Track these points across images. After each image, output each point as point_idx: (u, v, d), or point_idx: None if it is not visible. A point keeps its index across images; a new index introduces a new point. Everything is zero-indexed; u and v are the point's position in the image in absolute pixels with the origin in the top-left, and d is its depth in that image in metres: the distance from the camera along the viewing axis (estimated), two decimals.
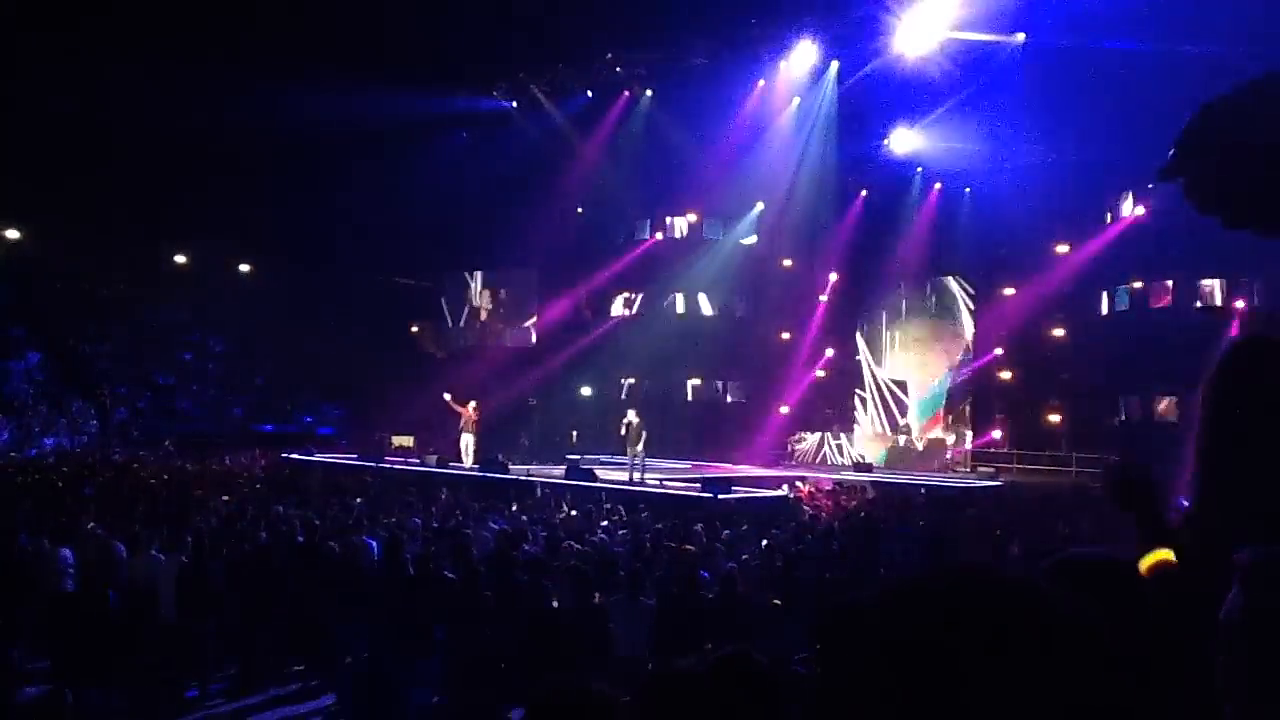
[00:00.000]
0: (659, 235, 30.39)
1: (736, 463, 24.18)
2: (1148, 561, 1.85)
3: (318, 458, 21.76)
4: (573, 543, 9.46)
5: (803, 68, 25.22)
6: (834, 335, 28.08)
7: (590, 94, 28.67)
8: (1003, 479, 22.03)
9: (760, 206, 28.57)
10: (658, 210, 30.02)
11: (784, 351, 28.46)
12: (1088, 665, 0.83)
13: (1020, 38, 21.58)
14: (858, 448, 26.79)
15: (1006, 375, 25.55)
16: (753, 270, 28.95)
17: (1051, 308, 24.84)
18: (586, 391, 30.59)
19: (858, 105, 24.88)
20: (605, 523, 11.73)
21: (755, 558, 9.44)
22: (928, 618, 0.86)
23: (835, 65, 25.09)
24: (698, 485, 16.65)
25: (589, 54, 27.32)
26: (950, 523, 13.09)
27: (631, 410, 18.94)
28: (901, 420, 27.19)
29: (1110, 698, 0.83)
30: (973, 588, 0.88)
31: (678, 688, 2.09)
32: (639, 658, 6.75)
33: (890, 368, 27.86)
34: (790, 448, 26.51)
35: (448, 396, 21.15)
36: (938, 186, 26.31)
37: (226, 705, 7.90)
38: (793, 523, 12.25)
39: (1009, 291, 25.47)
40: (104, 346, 30.03)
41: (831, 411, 27.65)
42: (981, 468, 23.84)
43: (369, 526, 10.28)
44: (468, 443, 20.60)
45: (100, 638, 6.79)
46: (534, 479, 16.93)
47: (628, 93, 27.89)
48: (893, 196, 26.77)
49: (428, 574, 7.69)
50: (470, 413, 20.68)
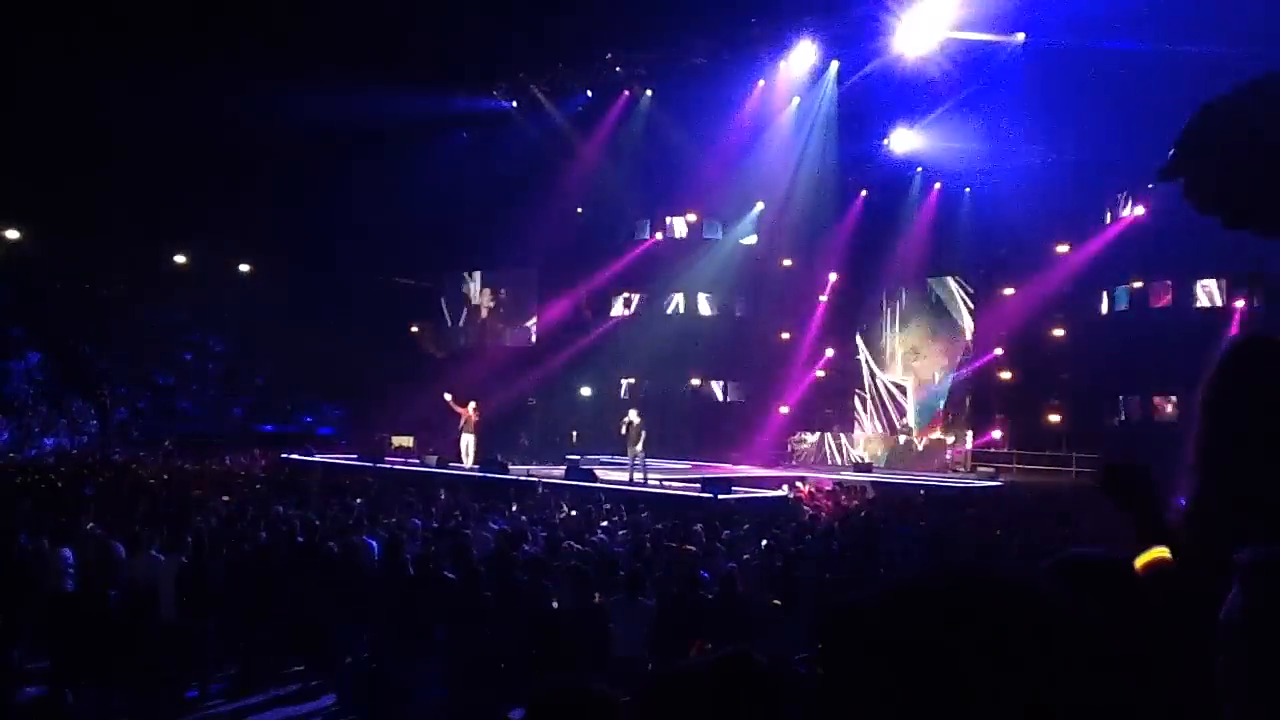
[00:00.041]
0: (659, 235, 30.39)
1: (736, 463, 24.17)
2: (1143, 560, 1.85)
3: (318, 458, 21.76)
4: (573, 543, 9.46)
5: (803, 68, 25.22)
6: (834, 335, 28.08)
7: (590, 94, 28.67)
8: (1003, 479, 22.03)
9: (760, 206, 28.57)
10: (658, 210, 30.03)
11: (784, 351, 28.46)
12: (1088, 665, 0.83)
13: (1020, 38, 21.58)
14: (858, 448, 26.79)
15: (1006, 375, 25.55)
16: (753, 270, 28.96)
17: (1051, 308, 24.84)
18: (586, 391, 30.60)
19: (858, 105, 24.88)
20: (605, 523, 11.72)
21: (755, 558, 9.44)
22: (928, 618, 0.86)
23: (835, 65, 25.09)
24: (698, 485, 16.66)
25: (589, 54, 27.32)
26: (950, 523, 13.09)
27: (633, 410, 18.94)
28: (901, 420, 27.19)
29: (1111, 698, 0.83)
30: (973, 588, 0.88)
31: (677, 688, 2.09)
32: (639, 658, 6.75)
33: (890, 368, 27.86)
34: (790, 448, 26.50)
35: (448, 396, 21.14)
36: (938, 186, 26.30)
37: (226, 705, 7.90)
38: (793, 523, 12.25)
39: (1009, 291, 25.47)
40: (104, 346, 30.03)
41: (831, 411, 27.64)
42: (981, 468, 23.83)
43: (369, 526, 10.27)
44: (468, 443, 20.60)
45: (100, 638, 6.79)
46: (534, 479, 16.93)
47: (628, 93, 27.89)
48: (893, 196, 26.77)
49: (428, 574, 7.69)
50: (470, 413, 20.68)
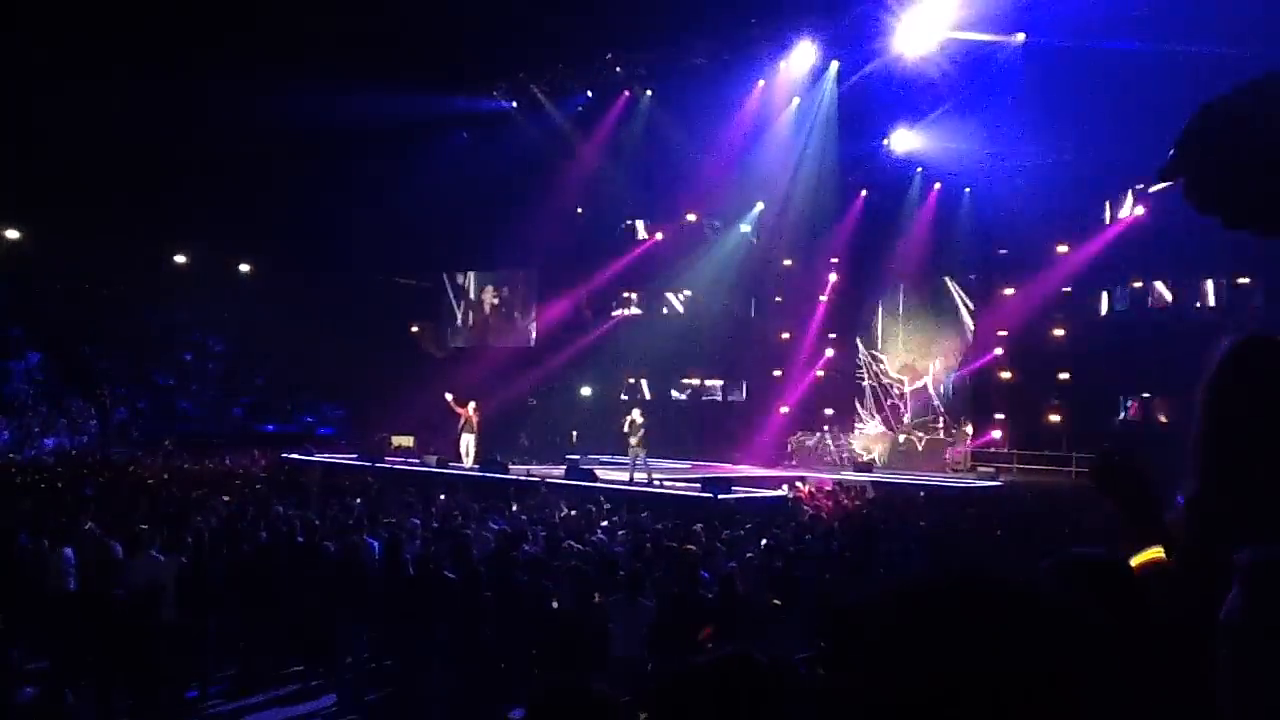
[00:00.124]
0: (659, 235, 30.38)
1: (736, 463, 24.17)
2: (1139, 560, 1.85)
3: (318, 458, 21.76)
4: (573, 543, 9.46)
5: (803, 68, 25.19)
6: (834, 335, 28.06)
7: (590, 94, 28.65)
8: (1003, 479, 22.02)
9: (760, 206, 28.55)
10: (658, 210, 30.02)
11: (784, 351, 28.45)
12: (1090, 666, 0.83)
13: (1020, 38, 21.57)
14: (858, 447, 26.78)
15: (1006, 375, 25.54)
16: (753, 270, 28.94)
17: (1051, 308, 24.82)
18: (586, 391, 30.60)
19: (858, 105, 24.84)
20: (605, 523, 11.72)
21: (755, 558, 9.44)
22: (929, 618, 0.86)
23: (835, 65, 25.06)
24: (698, 485, 16.65)
25: (589, 54, 27.29)
26: (950, 523, 13.09)
27: (636, 409, 18.95)
28: (901, 420, 27.19)
29: (1112, 697, 0.83)
30: (973, 588, 0.88)
31: (680, 688, 2.09)
32: (638, 658, 6.75)
33: (890, 368, 27.85)
34: (790, 448, 26.50)
35: (449, 396, 21.16)
36: (938, 186, 26.27)
37: (226, 705, 7.90)
38: (793, 523, 12.25)
39: (1009, 291, 25.46)
40: (104, 346, 30.02)
41: (831, 411, 27.64)
42: (981, 468, 23.81)
43: (369, 526, 10.27)
44: (468, 443, 20.61)
45: (104, 638, 6.79)
46: (536, 479, 16.93)
47: (628, 93, 27.86)
48: (893, 196, 26.73)
49: (428, 574, 7.69)
50: (470, 413, 20.68)
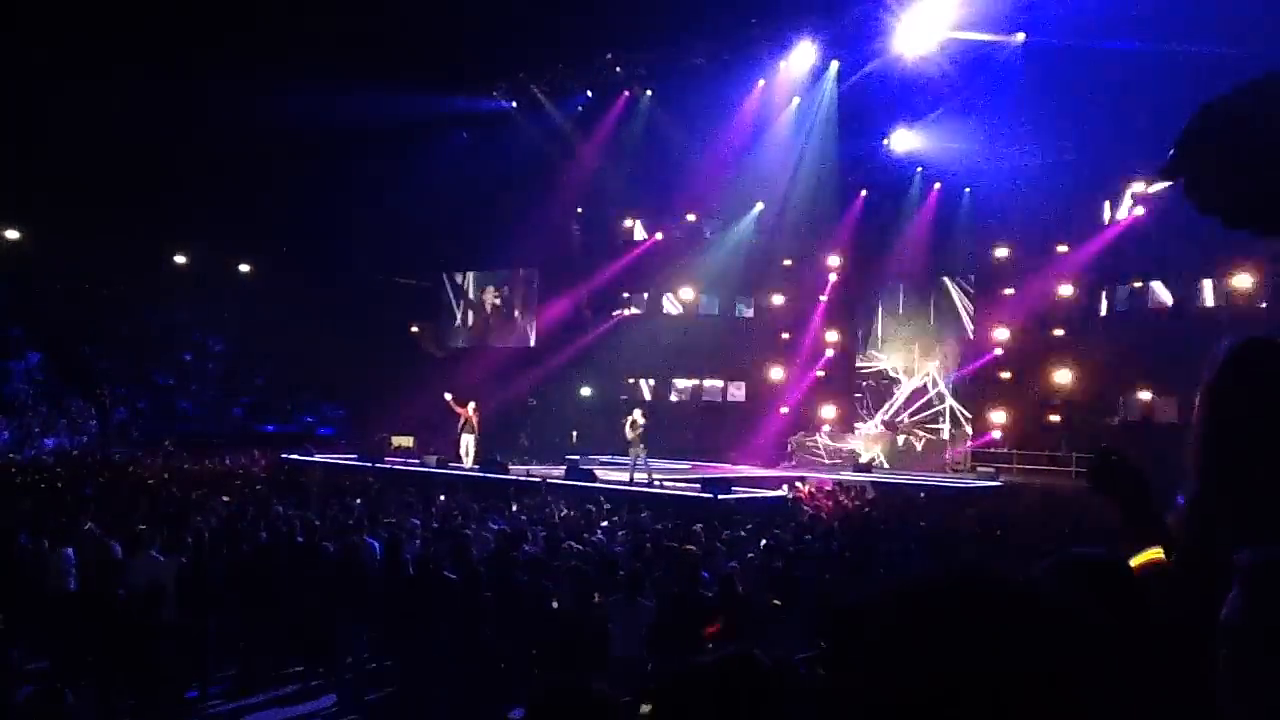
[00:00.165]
0: (659, 235, 30.38)
1: (736, 463, 24.17)
2: (1139, 560, 1.85)
3: (318, 458, 21.74)
4: (573, 543, 9.45)
5: (802, 68, 25.20)
6: (834, 335, 28.07)
7: (590, 94, 28.66)
8: (1003, 479, 22.01)
9: (760, 206, 28.55)
10: (658, 210, 30.02)
11: (784, 352, 28.45)
12: (1090, 666, 0.83)
13: (1020, 38, 21.58)
14: (857, 447, 26.79)
15: (1006, 375, 25.54)
16: (753, 269, 28.96)
17: (1051, 308, 24.83)
18: (586, 391, 30.60)
19: (858, 105, 24.86)
20: (605, 523, 11.72)
21: (755, 558, 9.45)
22: (930, 618, 0.86)
23: (835, 65, 25.07)
24: (698, 485, 16.65)
25: (589, 54, 27.31)
26: (950, 523, 13.08)
27: (637, 410, 18.97)
28: (901, 420, 27.19)
29: (1114, 697, 0.83)
30: (973, 588, 0.88)
31: (680, 687, 2.09)
32: (638, 658, 6.75)
33: (890, 367, 27.86)
34: (790, 447, 26.51)
35: (448, 396, 21.16)
36: (938, 186, 26.27)
37: (226, 705, 7.90)
38: (793, 523, 12.25)
39: (1009, 291, 25.46)
40: (104, 346, 30.02)
41: (831, 412, 27.64)
42: (981, 468, 23.80)
43: (369, 526, 10.27)
44: (467, 443, 20.61)
45: (104, 638, 6.78)
46: (534, 479, 16.93)
47: (628, 93, 27.87)
48: (893, 196, 26.74)
49: (428, 574, 7.69)
50: (470, 413, 20.69)
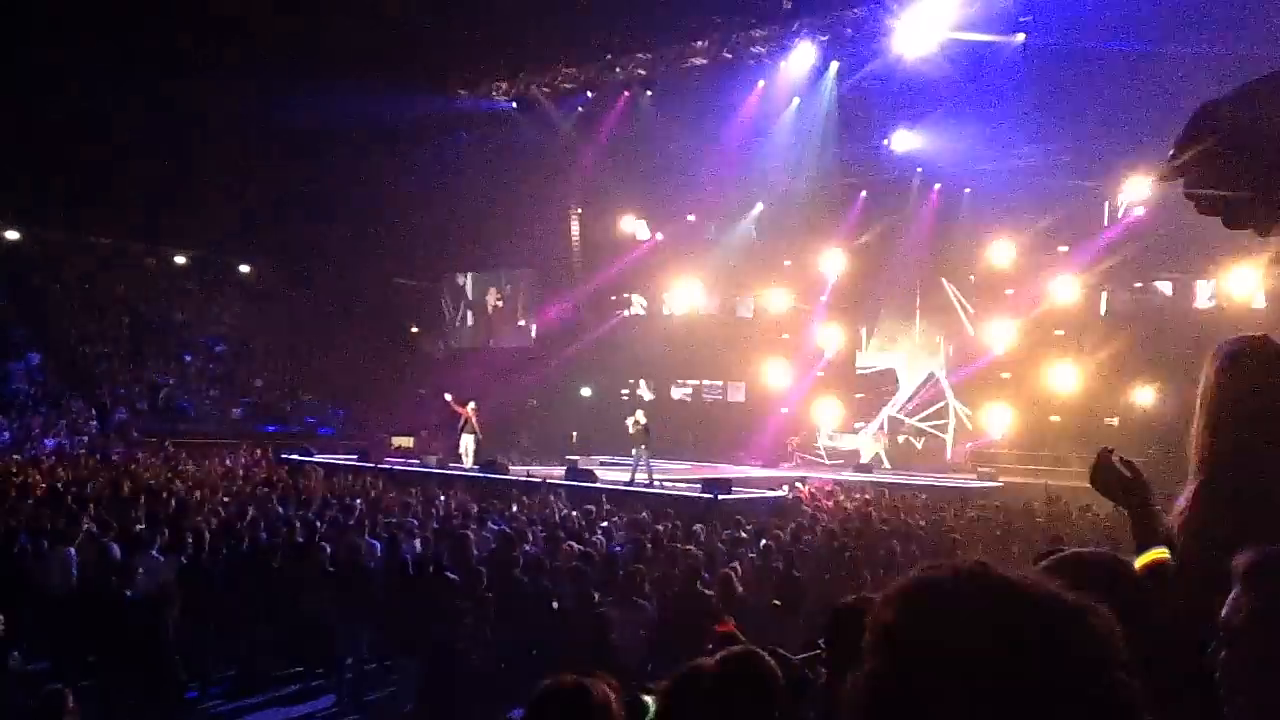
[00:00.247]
0: (659, 235, 30.38)
1: (737, 463, 24.16)
2: (1143, 560, 1.85)
3: (318, 458, 21.73)
4: (573, 543, 9.45)
5: (802, 68, 25.18)
6: (834, 335, 28.06)
7: (590, 94, 28.65)
8: (1002, 479, 22.00)
9: (760, 206, 28.55)
10: (658, 210, 30.01)
11: (784, 352, 28.45)
12: (1094, 664, 0.83)
13: (1020, 38, 21.57)
14: (858, 447, 26.79)
15: (1006, 375, 25.53)
16: (753, 269, 28.94)
17: (1051, 307, 24.81)
18: (586, 391, 30.62)
19: (858, 105, 24.85)
20: (605, 523, 11.72)
21: (755, 558, 9.44)
22: (929, 617, 0.86)
23: (835, 66, 25.05)
24: (698, 486, 16.64)
25: (589, 54, 27.31)
26: (950, 523, 13.08)
27: (639, 410, 18.97)
28: (901, 420, 27.19)
29: (1117, 696, 0.83)
30: (974, 587, 0.88)
31: (686, 686, 2.09)
32: (638, 658, 6.75)
33: (890, 368, 27.86)
34: (790, 447, 26.50)
35: (449, 397, 21.18)
36: (937, 186, 26.26)
37: (226, 705, 7.90)
38: (793, 523, 12.23)
39: (1009, 292, 25.45)
40: (104, 346, 30.01)
41: (832, 412, 27.64)
42: (981, 468, 23.80)
43: (369, 526, 10.28)
44: (467, 443, 20.62)
45: (112, 639, 6.78)
46: (535, 479, 16.92)
47: (628, 93, 27.85)
48: (893, 196, 26.72)
49: (428, 574, 7.70)
50: (469, 413, 20.70)
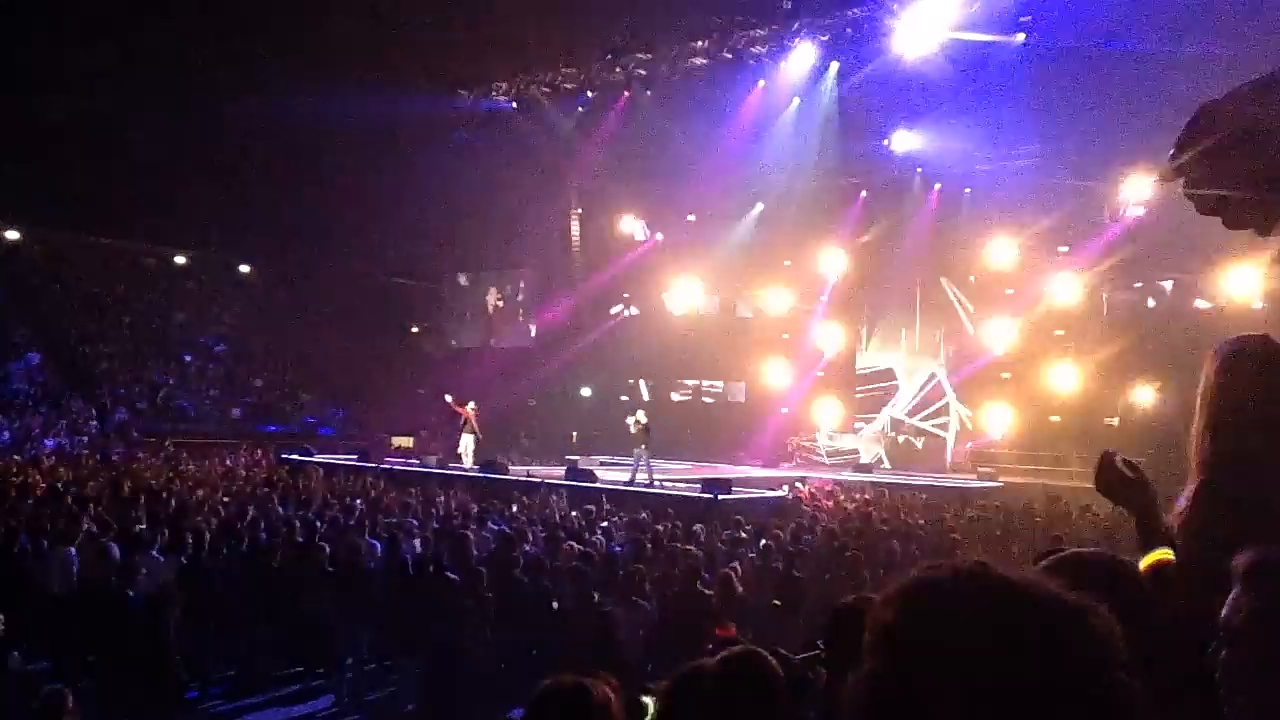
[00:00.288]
0: (659, 235, 30.37)
1: (737, 463, 24.16)
2: (1148, 561, 1.85)
3: (318, 458, 21.72)
4: (573, 543, 9.45)
5: (802, 68, 25.18)
6: (834, 335, 28.05)
7: (590, 94, 28.65)
8: (1002, 479, 22.01)
9: (760, 206, 28.54)
10: (658, 210, 30.00)
11: (784, 352, 28.45)
12: (1094, 664, 0.83)
13: (1020, 38, 21.57)
14: (858, 447, 26.78)
15: (1006, 375, 25.54)
16: (753, 269, 28.94)
17: (1051, 308, 24.80)
18: (586, 391, 30.62)
19: (858, 105, 24.84)
20: (605, 523, 11.72)
21: (755, 558, 9.44)
22: (930, 617, 0.86)
23: (835, 66, 25.05)
24: (698, 486, 16.63)
25: (589, 54, 27.32)
26: (950, 523, 13.08)
27: (640, 410, 18.97)
28: (901, 420, 27.19)
29: (1117, 696, 0.83)
30: (975, 586, 0.88)
31: (688, 686, 2.09)
32: (638, 658, 6.75)
33: (890, 368, 27.86)
34: (791, 447, 26.49)
35: (449, 398, 21.19)
36: (938, 187, 26.26)
37: (226, 705, 7.90)
38: (793, 523, 12.23)
39: (1009, 292, 25.45)
40: (104, 346, 30.01)
41: (831, 412, 27.63)
42: (981, 468, 23.80)
43: (369, 526, 10.28)
44: (467, 443, 20.63)
45: (114, 639, 6.77)
46: (535, 479, 16.92)
47: (628, 93, 27.86)
48: (893, 196, 26.72)
49: (428, 574, 7.70)
50: (469, 413, 20.71)
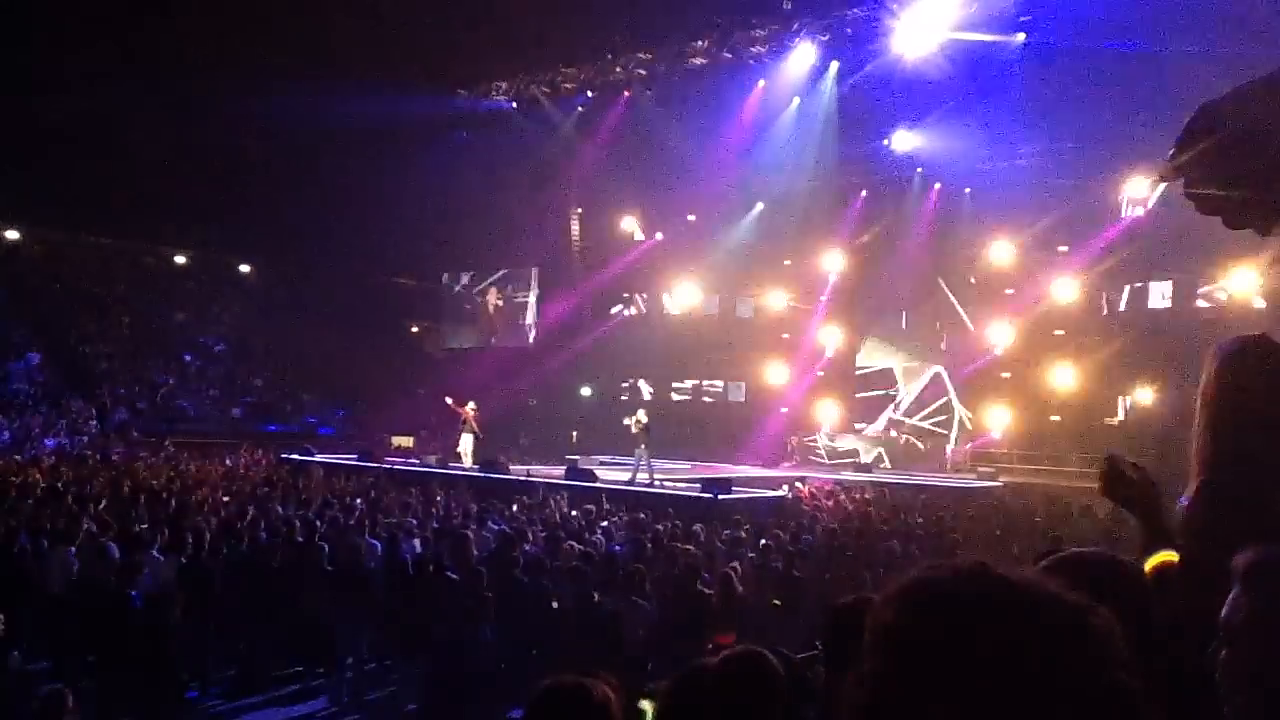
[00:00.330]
0: (659, 235, 30.37)
1: (736, 463, 24.15)
2: (1152, 562, 1.85)
3: (318, 458, 21.72)
4: (573, 543, 9.45)
5: (802, 68, 25.20)
6: (834, 335, 28.06)
7: (590, 94, 28.66)
8: (1002, 479, 22.01)
9: (760, 206, 28.55)
10: (658, 210, 30.01)
11: (784, 352, 28.45)
12: (1094, 664, 0.83)
13: (1020, 38, 21.58)
14: (858, 447, 26.78)
15: (1006, 375, 25.54)
16: (753, 269, 28.94)
17: (1051, 307, 24.81)
18: (586, 391, 30.62)
19: (858, 105, 24.85)
20: (605, 523, 11.72)
21: (755, 558, 9.44)
22: (930, 617, 0.86)
23: (835, 66, 25.07)
24: (698, 485, 16.63)
25: (589, 54, 27.33)
26: (949, 523, 13.08)
27: (641, 410, 18.96)
28: (901, 420, 27.19)
29: (1117, 696, 0.83)
30: (975, 586, 0.88)
31: (689, 685, 2.09)
32: (639, 658, 6.75)
33: (890, 368, 27.86)
34: (790, 447, 26.49)
35: (449, 400, 21.18)
36: (937, 186, 26.26)
37: (226, 705, 7.90)
38: (793, 523, 12.23)
39: (1009, 291, 25.45)
40: (104, 346, 30.01)
41: (831, 412, 27.64)
42: (981, 468, 23.80)
43: (369, 526, 10.27)
44: (467, 443, 20.63)
45: (115, 639, 6.77)
46: (534, 479, 16.92)
47: (628, 93, 27.87)
48: (893, 196, 26.73)
49: (428, 574, 7.69)
50: (469, 413, 20.71)
